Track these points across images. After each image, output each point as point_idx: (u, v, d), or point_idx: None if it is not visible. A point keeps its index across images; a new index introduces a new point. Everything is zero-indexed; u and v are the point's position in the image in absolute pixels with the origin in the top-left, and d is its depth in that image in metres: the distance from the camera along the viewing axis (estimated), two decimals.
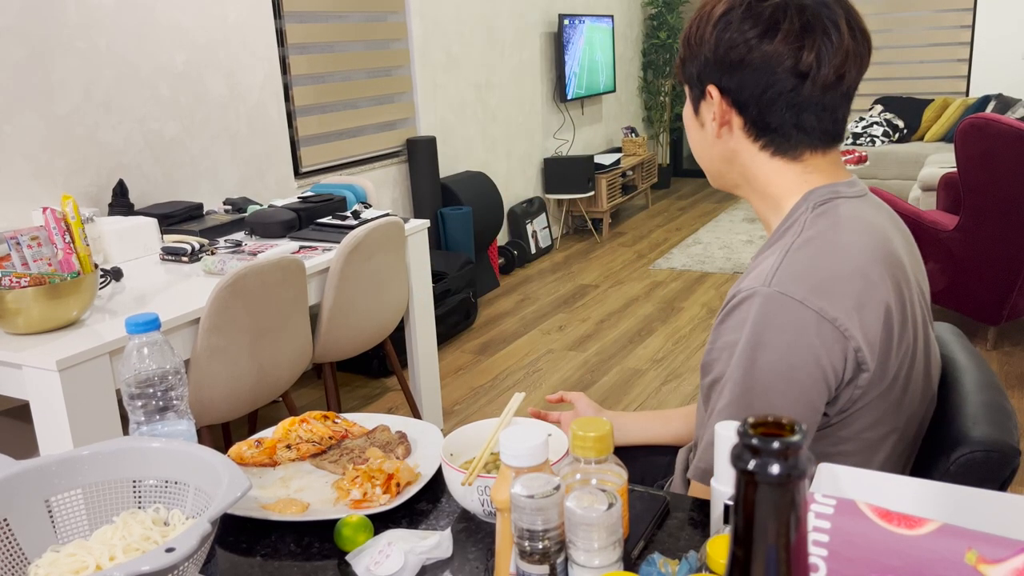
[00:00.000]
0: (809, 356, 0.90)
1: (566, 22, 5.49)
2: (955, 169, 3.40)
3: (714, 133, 1.03)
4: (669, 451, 1.39)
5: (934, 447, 1.02)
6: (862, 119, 6.37)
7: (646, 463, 1.39)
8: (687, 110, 1.09)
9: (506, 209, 5.20)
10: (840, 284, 0.92)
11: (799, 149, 1.00)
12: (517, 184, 5.38)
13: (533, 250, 5.30)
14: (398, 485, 1.02)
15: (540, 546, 0.73)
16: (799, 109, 0.97)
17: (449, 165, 4.63)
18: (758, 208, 1.07)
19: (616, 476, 0.80)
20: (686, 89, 1.07)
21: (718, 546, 0.75)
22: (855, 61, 0.97)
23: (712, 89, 1.00)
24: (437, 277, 3.76)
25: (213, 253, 2.34)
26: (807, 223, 0.97)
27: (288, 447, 1.15)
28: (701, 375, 1.00)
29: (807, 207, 0.99)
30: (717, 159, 1.06)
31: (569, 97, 5.67)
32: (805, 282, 0.91)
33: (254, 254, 2.27)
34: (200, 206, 2.75)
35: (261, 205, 2.82)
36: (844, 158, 5.12)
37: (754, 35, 0.95)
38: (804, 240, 0.95)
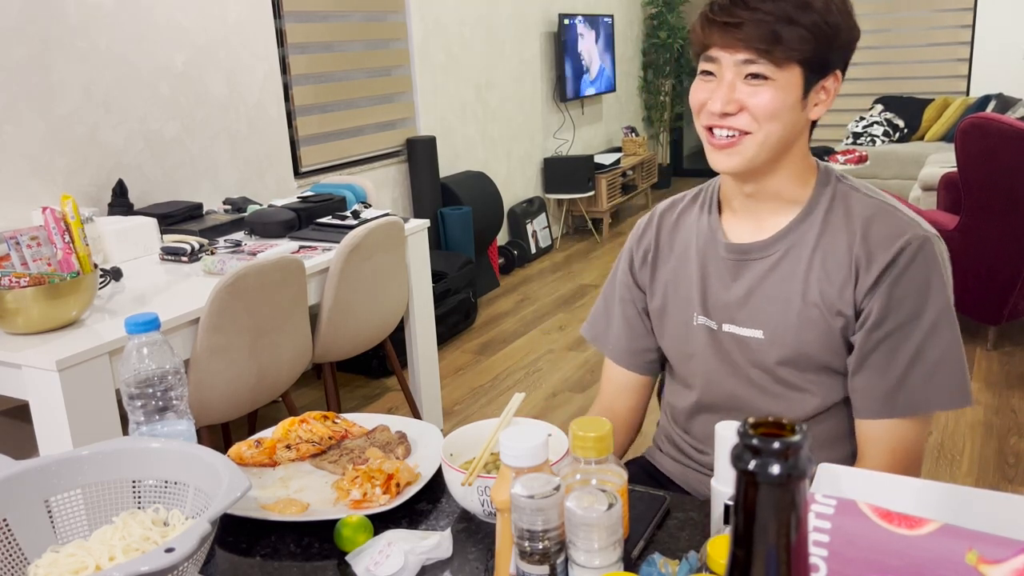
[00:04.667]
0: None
1: (566, 22, 5.49)
2: (955, 169, 3.40)
3: (815, 115, 1.07)
4: None
5: None
6: (862, 119, 6.35)
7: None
8: (789, 96, 1.02)
9: (506, 209, 5.20)
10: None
11: None
12: (517, 184, 5.38)
13: (533, 250, 5.30)
14: (398, 485, 1.02)
15: (540, 546, 0.73)
16: None
17: (449, 165, 4.63)
18: (782, 186, 1.10)
19: (616, 476, 0.80)
20: (794, 72, 1.02)
21: (718, 546, 0.74)
22: None
23: (838, 72, 1.06)
24: (437, 277, 3.76)
25: (213, 253, 2.34)
26: (850, 182, 1.11)
27: (288, 447, 1.15)
28: (869, 330, 1.05)
29: (824, 169, 1.12)
30: (791, 138, 1.07)
31: (569, 97, 5.67)
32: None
33: (254, 254, 2.27)
34: (200, 206, 2.75)
35: (261, 205, 2.82)
36: (844, 158, 5.11)
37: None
38: (876, 192, 1.10)
